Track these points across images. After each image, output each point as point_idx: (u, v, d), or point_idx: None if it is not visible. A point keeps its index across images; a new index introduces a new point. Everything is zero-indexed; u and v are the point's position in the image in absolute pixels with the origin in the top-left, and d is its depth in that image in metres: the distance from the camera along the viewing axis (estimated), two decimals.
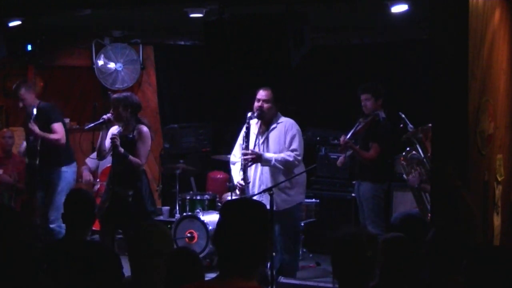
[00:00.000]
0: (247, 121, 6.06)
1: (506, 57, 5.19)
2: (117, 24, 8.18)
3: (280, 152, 5.97)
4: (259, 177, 6.04)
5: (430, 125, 5.25)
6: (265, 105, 6.02)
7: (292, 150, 5.96)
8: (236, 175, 6.16)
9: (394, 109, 6.57)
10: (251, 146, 6.06)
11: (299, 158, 6.00)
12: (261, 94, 6.06)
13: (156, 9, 6.38)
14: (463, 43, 4.40)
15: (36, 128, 6.73)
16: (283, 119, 6.11)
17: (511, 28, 5.25)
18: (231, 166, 6.34)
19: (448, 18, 4.48)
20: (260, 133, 6.10)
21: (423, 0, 5.19)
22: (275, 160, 5.92)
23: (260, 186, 6.03)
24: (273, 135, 6.05)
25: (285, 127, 6.04)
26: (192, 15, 5.86)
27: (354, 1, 5.85)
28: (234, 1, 5.51)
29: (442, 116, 4.54)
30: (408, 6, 5.58)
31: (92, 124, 6.25)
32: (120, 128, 6.18)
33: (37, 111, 6.85)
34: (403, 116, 6.38)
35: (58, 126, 6.88)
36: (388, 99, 6.72)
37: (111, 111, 6.16)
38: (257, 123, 6.12)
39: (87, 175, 7.98)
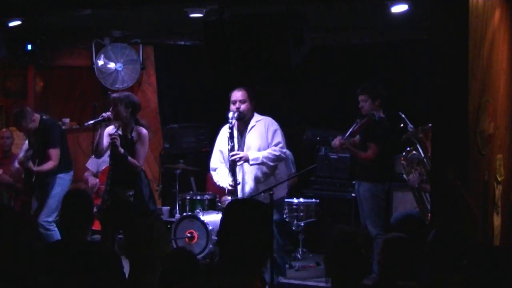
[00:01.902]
0: (230, 121, 6.02)
1: (506, 57, 5.19)
2: (117, 24, 8.18)
3: (265, 149, 6.01)
4: (246, 178, 6.05)
5: (430, 125, 5.25)
6: (243, 106, 6.03)
7: (276, 144, 6.02)
8: (222, 179, 6.14)
9: (394, 109, 6.57)
10: (226, 150, 6.05)
11: (284, 150, 6.10)
12: (236, 95, 6.07)
13: (156, 9, 6.38)
14: (463, 43, 4.40)
15: (31, 166, 6.76)
16: (260, 117, 6.14)
17: (511, 28, 5.25)
18: (212, 173, 6.32)
19: (448, 18, 4.49)
20: (239, 134, 6.11)
21: (423, 0, 5.19)
22: (263, 157, 5.96)
23: (244, 186, 6.04)
24: (254, 134, 6.06)
25: (266, 124, 6.08)
26: (192, 15, 5.86)
27: (354, 1, 5.85)
28: (234, 1, 5.51)
29: (442, 116, 4.55)
30: (408, 6, 5.58)
31: (91, 122, 6.24)
32: (117, 127, 6.17)
33: (37, 129, 6.85)
34: (403, 116, 6.37)
35: (53, 152, 6.82)
36: (388, 99, 6.72)
37: (110, 109, 6.16)
38: (233, 124, 6.11)
39: (92, 180, 7.94)
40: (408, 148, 6.30)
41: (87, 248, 3.80)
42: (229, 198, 6.05)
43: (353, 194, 6.93)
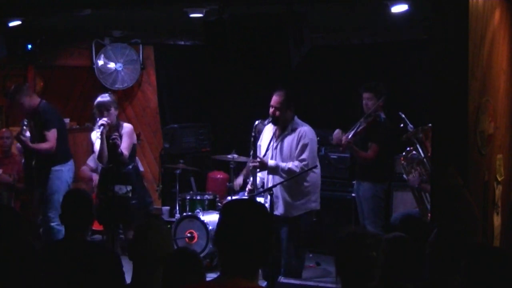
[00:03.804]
0: (253, 129, 6.01)
1: (506, 57, 5.19)
2: (117, 24, 8.19)
3: (291, 159, 5.92)
4: (271, 180, 6.01)
5: (430, 125, 5.25)
6: (277, 112, 5.92)
7: (301, 160, 5.85)
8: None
9: (394, 109, 6.57)
10: (263, 149, 6.04)
11: (306, 169, 5.86)
12: (274, 100, 5.96)
13: (156, 9, 6.38)
14: (463, 43, 4.40)
15: (27, 141, 6.70)
16: (297, 126, 5.99)
17: (511, 28, 5.25)
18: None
19: (448, 18, 4.48)
20: (275, 137, 6.05)
21: (423, 0, 5.19)
22: (281, 170, 5.84)
23: (268, 184, 6.03)
24: (287, 141, 5.97)
25: (299, 134, 5.92)
26: (192, 15, 5.86)
27: (354, 1, 5.85)
28: (234, 1, 5.51)
29: (442, 116, 4.54)
30: (408, 6, 5.58)
31: (99, 136, 6.22)
32: (102, 129, 6.24)
33: (34, 113, 6.80)
34: (403, 116, 6.37)
35: (50, 134, 6.75)
36: (388, 99, 6.72)
37: (105, 115, 6.24)
38: (273, 126, 6.09)
39: (89, 173, 7.92)
40: (408, 148, 6.30)
41: (87, 248, 3.80)
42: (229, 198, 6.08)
43: (353, 194, 6.93)
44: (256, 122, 6.01)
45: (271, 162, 5.89)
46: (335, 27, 7.55)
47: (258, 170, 5.95)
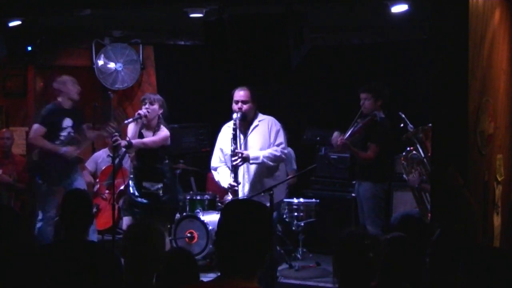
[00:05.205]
0: (235, 122, 5.99)
1: (506, 57, 5.19)
2: (117, 24, 8.19)
3: (266, 148, 5.97)
4: (246, 178, 6.02)
5: (430, 125, 5.25)
6: (245, 106, 5.96)
7: (278, 145, 5.97)
8: (223, 179, 6.08)
9: (394, 109, 6.57)
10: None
11: (286, 151, 6.08)
12: (239, 95, 6.01)
13: (156, 9, 6.38)
14: (463, 43, 4.40)
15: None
16: (263, 117, 6.08)
17: (511, 28, 5.25)
18: (213, 172, 6.25)
19: (448, 18, 4.48)
20: (242, 133, 6.07)
21: (423, 0, 5.19)
22: (263, 156, 5.89)
23: (244, 186, 6.02)
24: (256, 133, 6.03)
25: (269, 124, 6.03)
26: (192, 15, 5.87)
27: (354, 1, 5.86)
28: (234, 1, 5.51)
29: (442, 116, 4.54)
30: (408, 6, 5.58)
31: (130, 120, 6.41)
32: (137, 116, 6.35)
33: (73, 109, 7.11)
34: (403, 116, 6.37)
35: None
36: (389, 99, 6.72)
37: (146, 107, 6.35)
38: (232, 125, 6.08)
39: (87, 177, 7.96)
40: (408, 148, 6.30)
41: (87, 248, 3.80)
42: (230, 198, 6.04)
43: (353, 194, 6.93)
44: (235, 115, 5.98)
45: (251, 153, 5.91)
46: (335, 27, 7.55)
47: (240, 163, 5.92)
